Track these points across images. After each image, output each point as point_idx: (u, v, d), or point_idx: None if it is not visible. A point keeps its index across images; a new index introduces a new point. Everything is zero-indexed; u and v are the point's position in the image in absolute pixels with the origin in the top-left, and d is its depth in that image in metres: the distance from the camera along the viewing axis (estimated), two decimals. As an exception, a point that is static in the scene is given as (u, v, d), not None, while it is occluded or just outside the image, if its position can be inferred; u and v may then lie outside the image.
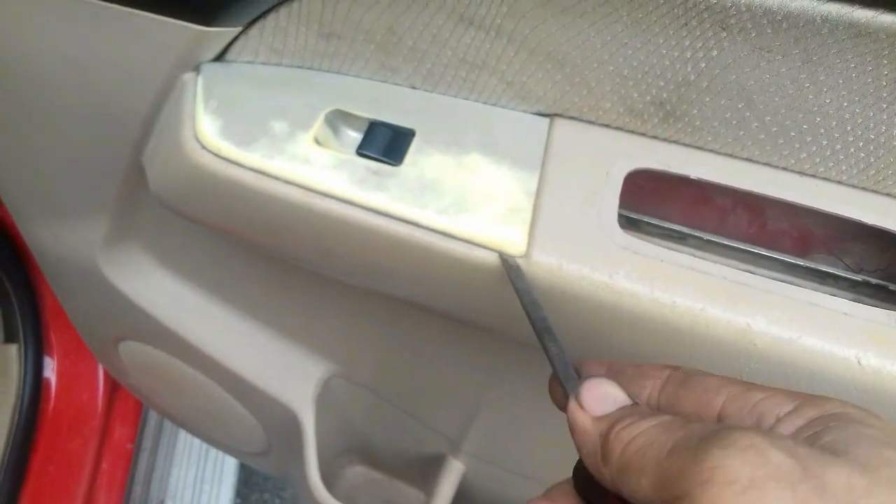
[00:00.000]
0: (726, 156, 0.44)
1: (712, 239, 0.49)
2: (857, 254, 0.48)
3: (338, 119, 0.47)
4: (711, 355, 0.41)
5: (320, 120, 0.46)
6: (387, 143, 0.46)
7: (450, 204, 0.43)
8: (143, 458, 1.18)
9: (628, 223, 0.50)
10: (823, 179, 0.43)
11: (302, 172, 0.44)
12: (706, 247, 0.49)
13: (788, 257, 0.48)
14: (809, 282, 0.46)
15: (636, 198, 0.49)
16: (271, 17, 0.45)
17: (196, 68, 0.47)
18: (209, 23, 0.43)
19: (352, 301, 0.64)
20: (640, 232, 0.50)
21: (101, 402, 1.10)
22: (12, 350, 1.06)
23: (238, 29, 0.46)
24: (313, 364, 0.73)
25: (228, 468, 1.30)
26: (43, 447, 1.06)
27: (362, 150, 0.45)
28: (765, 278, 0.41)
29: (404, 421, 0.78)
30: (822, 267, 0.48)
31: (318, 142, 0.46)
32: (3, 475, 1.00)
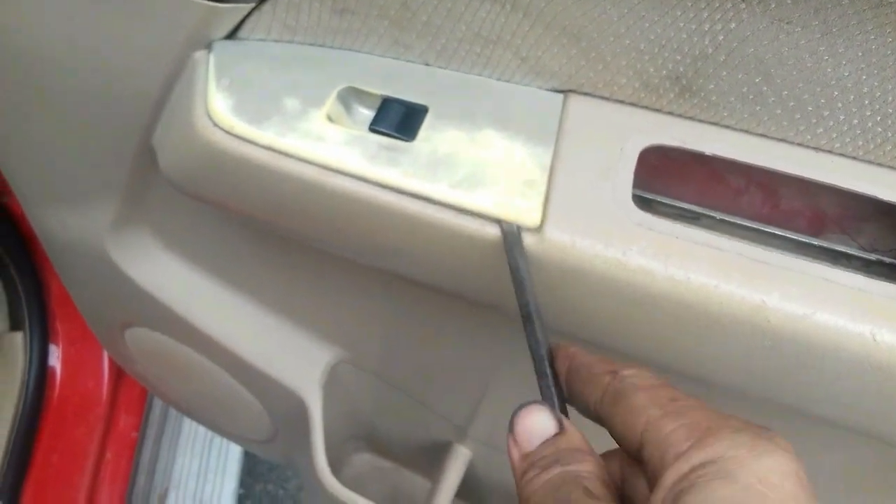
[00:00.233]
0: (742, 132, 0.44)
1: (725, 218, 0.49)
2: (871, 233, 0.47)
3: (350, 96, 0.47)
4: (725, 332, 0.41)
5: (333, 97, 0.46)
6: (399, 120, 0.45)
7: (463, 178, 0.43)
8: (147, 447, 1.18)
9: (641, 203, 0.50)
10: (839, 155, 0.43)
11: (315, 149, 0.44)
12: (719, 227, 0.49)
13: (801, 236, 0.48)
14: (822, 261, 0.46)
15: (649, 177, 0.48)
16: (285, -8, 0.45)
17: (207, 46, 0.47)
18: (221, -1, 0.43)
19: (360, 286, 0.64)
20: (652, 212, 0.49)
21: (105, 390, 1.10)
22: (17, 338, 1.06)
23: (251, 5, 0.45)
24: (321, 349, 0.72)
25: (232, 458, 1.30)
26: (47, 435, 1.06)
27: (375, 126, 0.45)
28: (780, 254, 0.41)
29: (411, 407, 0.77)
30: (835, 246, 0.47)
31: (330, 119, 0.45)
32: (7, 463, 1.00)
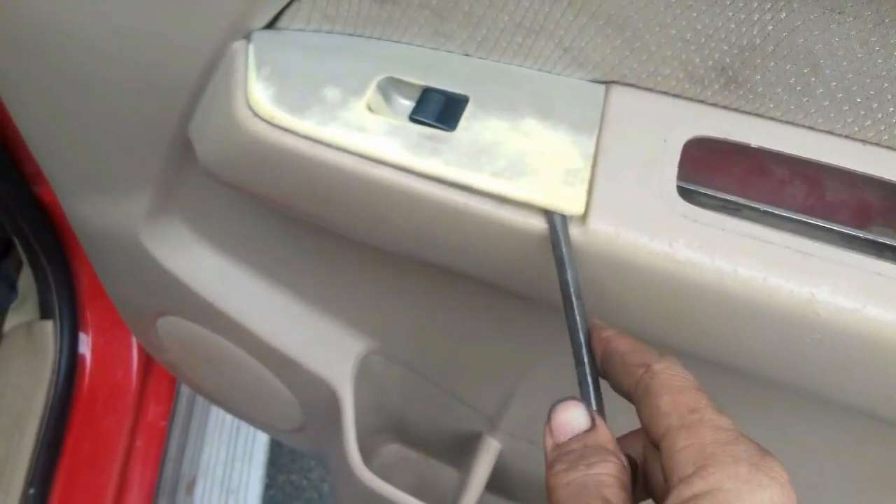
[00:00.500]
0: (787, 123, 0.43)
1: (768, 210, 0.48)
2: (918, 226, 0.47)
3: (390, 87, 0.47)
4: (773, 325, 0.40)
5: (373, 87, 0.46)
6: (440, 109, 0.45)
7: (506, 166, 0.42)
8: (175, 436, 1.19)
9: (684, 194, 0.49)
10: (887, 148, 0.42)
11: (355, 139, 0.44)
12: (762, 218, 0.49)
13: (846, 229, 0.47)
14: (870, 254, 0.45)
15: (690, 168, 0.48)
16: (326, -18, 0.45)
17: (247, 36, 0.47)
18: (263, -11, 0.43)
19: (394, 277, 0.64)
20: (695, 203, 0.49)
21: (135, 379, 1.10)
22: (48, 326, 1.07)
23: (291, -5, 0.45)
24: (353, 340, 0.73)
25: (259, 446, 1.31)
26: (78, 423, 1.07)
27: (415, 116, 0.45)
28: (828, 247, 0.40)
29: (442, 398, 0.77)
30: (881, 239, 0.47)
31: (370, 109, 0.45)
32: (39, 450, 1.01)
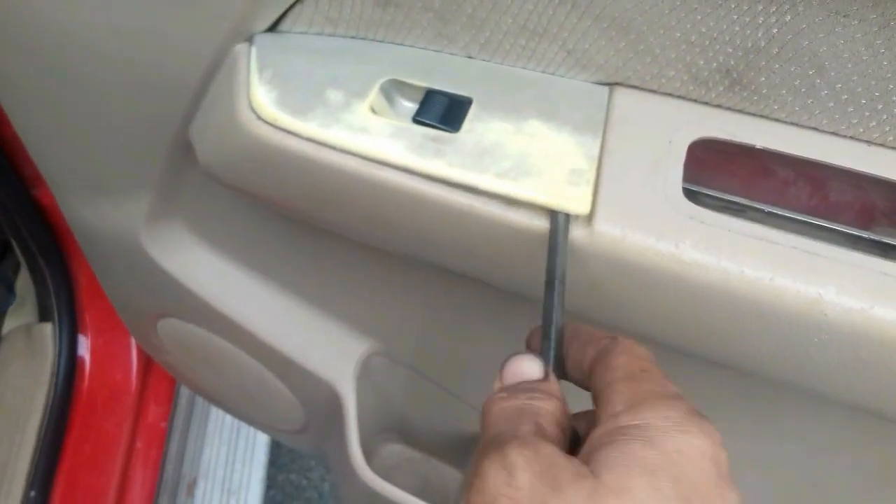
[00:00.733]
0: (791, 125, 0.43)
1: (773, 211, 0.48)
2: (922, 226, 0.47)
3: (393, 89, 0.47)
4: (780, 326, 0.40)
5: (376, 89, 0.46)
6: (444, 111, 0.45)
7: (510, 167, 0.42)
8: (175, 437, 1.19)
9: (688, 195, 0.49)
10: (892, 149, 0.42)
11: (358, 141, 0.44)
12: (766, 219, 0.49)
13: (851, 229, 0.47)
14: (875, 254, 0.45)
15: (695, 169, 0.48)
16: (329, -15, 0.45)
17: (249, 39, 0.47)
18: (265, -9, 0.43)
19: (396, 278, 0.64)
20: (700, 204, 0.49)
21: (134, 380, 1.10)
22: (47, 329, 1.07)
23: (294, -2, 0.45)
24: (355, 341, 0.73)
25: (260, 447, 1.31)
26: (78, 425, 1.07)
27: (419, 118, 0.45)
28: (834, 247, 0.40)
29: (444, 399, 0.77)
30: (885, 239, 0.47)
31: (373, 111, 0.45)
32: (39, 453, 1.01)
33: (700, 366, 0.48)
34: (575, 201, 0.41)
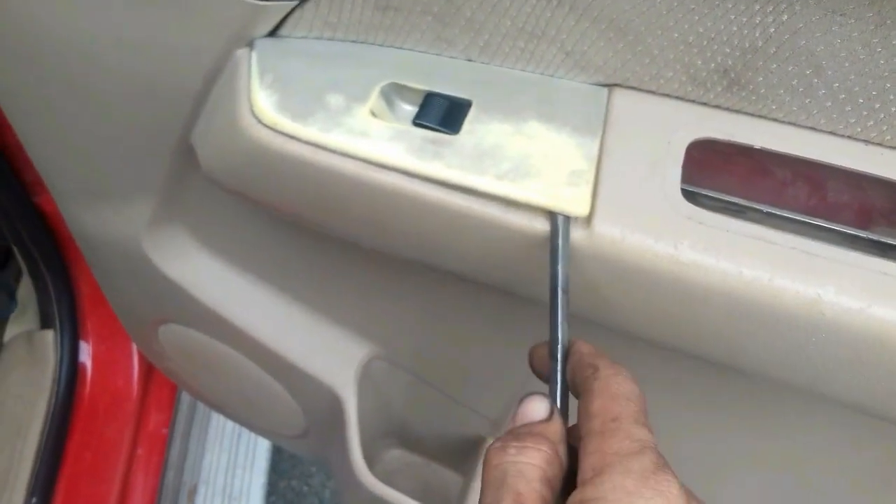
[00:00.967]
0: (789, 125, 0.43)
1: (771, 211, 0.48)
2: (921, 226, 0.47)
3: (393, 92, 0.47)
4: (778, 326, 0.40)
5: (376, 93, 0.46)
6: (443, 114, 0.45)
7: (509, 169, 0.43)
8: (176, 443, 1.19)
9: (687, 196, 0.50)
10: (890, 148, 0.43)
11: (359, 145, 0.44)
12: (765, 220, 0.49)
13: (849, 229, 0.47)
14: (874, 254, 0.45)
15: (694, 170, 0.48)
16: (328, -11, 0.45)
17: (249, 44, 0.47)
18: (265, -3, 0.43)
19: (396, 282, 0.64)
20: (699, 205, 0.49)
21: (136, 387, 1.10)
22: (48, 336, 1.07)
23: (293, 3, 0.46)
24: (356, 346, 0.73)
25: (261, 453, 1.31)
26: (79, 432, 1.07)
27: (419, 121, 0.45)
28: (833, 247, 0.40)
29: (445, 403, 0.77)
30: (884, 239, 0.47)
31: (374, 115, 0.45)
32: (41, 459, 1.01)
33: (699, 366, 0.48)
34: (574, 202, 0.41)
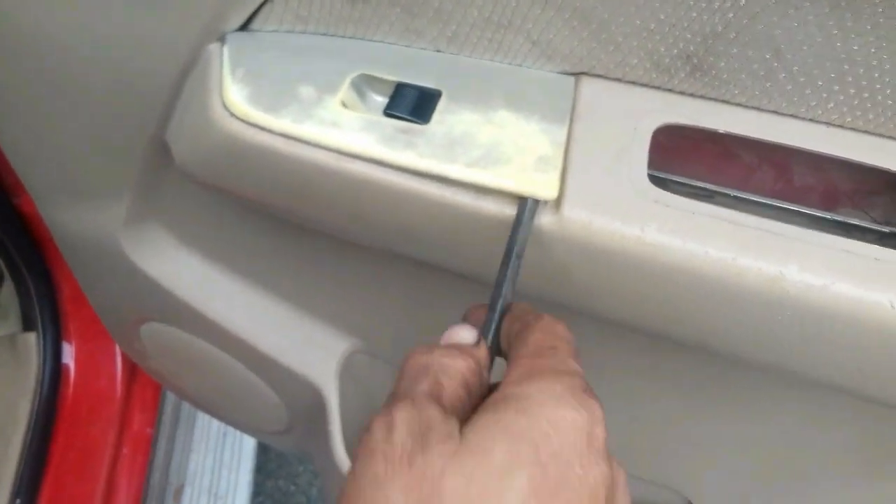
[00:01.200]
0: (753, 109, 0.44)
1: (739, 195, 0.49)
2: (884, 206, 0.48)
3: (364, 84, 0.47)
4: (744, 304, 0.41)
5: (346, 84, 0.46)
6: (413, 104, 0.46)
7: (480, 156, 0.43)
8: (161, 443, 1.19)
9: (656, 182, 0.50)
10: (850, 129, 0.43)
11: (331, 135, 0.44)
12: (733, 204, 0.50)
13: (815, 211, 0.48)
14: (835, 234, 0.46)
15: (661, 157, 0.49)
16: (298, -18, 0.45)
17: (221, 38, 0.47)
18: (235, -10, 0.44)
19: (375, 274, 0.64)
20: (667, 190, 0.50)
21: (119, 387, 1.10)
22: (31, 338, 1.07)
23: (264, -3, 0.46)
24: (337, 339, 0.73)
25: (246, 453, 1.31)
26: (63, 433, 1.06)
27: (390, 111, 0.46)
28: (796, 227, 0.41)
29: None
30: (849, 220, 0.48)
31: (345, 106, 0.46)
32: (25, 461, 1.01)
33: (672, 350, 0.49)
34: (543, 187, 0.42)
